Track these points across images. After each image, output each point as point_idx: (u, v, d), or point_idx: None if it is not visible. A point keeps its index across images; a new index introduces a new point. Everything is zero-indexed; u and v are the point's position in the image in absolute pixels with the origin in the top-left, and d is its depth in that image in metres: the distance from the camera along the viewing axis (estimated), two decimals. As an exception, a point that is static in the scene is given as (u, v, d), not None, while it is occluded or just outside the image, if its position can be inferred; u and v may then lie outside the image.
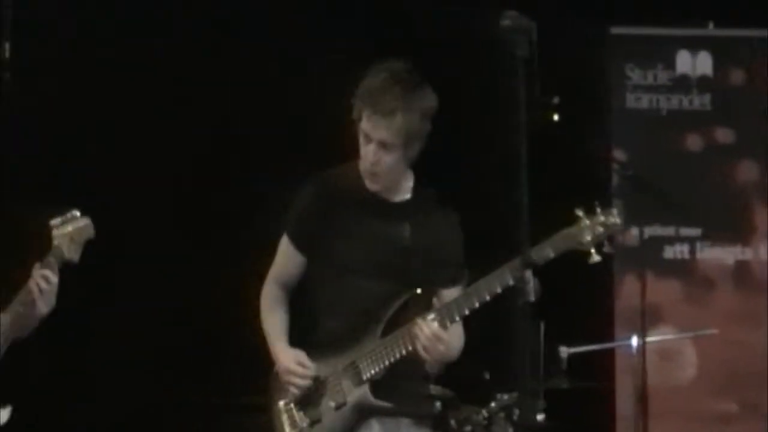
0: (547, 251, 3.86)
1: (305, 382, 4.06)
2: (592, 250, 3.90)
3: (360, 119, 4.02)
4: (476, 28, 3.90)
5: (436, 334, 3.94)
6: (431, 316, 3.96)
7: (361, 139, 4.04)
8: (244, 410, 5.33)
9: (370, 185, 4.07)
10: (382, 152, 4.01)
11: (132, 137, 6.07)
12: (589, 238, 3.90)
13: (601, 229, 3.90)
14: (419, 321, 3.95)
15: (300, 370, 4.06)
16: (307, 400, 4.09)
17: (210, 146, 6.23)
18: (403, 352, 3.99)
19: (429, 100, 4.03)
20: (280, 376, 4.11)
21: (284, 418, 4.11)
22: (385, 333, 4.04)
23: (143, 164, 6.06)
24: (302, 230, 4.16)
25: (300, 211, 4.16)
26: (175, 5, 6.08)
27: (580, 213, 3.92)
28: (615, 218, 3.93)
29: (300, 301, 4.27)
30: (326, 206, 4.12)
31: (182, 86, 6.13)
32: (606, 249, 3.92)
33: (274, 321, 4.19)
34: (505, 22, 3.39)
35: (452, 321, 3.98)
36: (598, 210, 3.92)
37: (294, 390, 4.08)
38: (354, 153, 4.12)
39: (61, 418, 5.70)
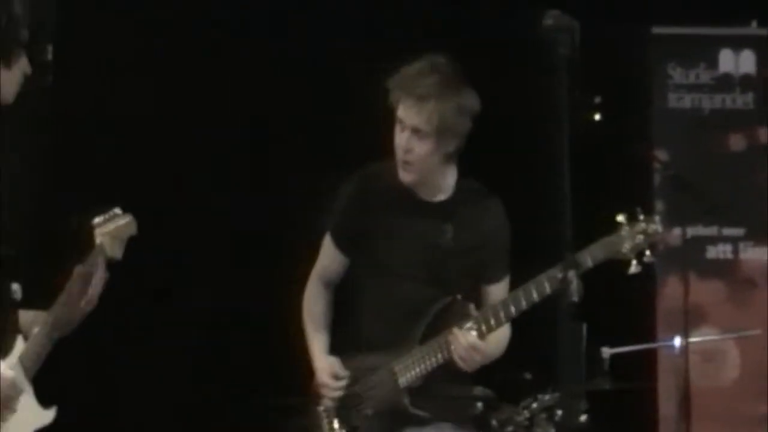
0: (586, 260, 3.83)
1: (339, 393, 4.07)
2: (633, 261, 3.86)
3: (396, 107, 4.00)
4: (519, 27, 3.88)
5: (473, 345, 3.92)
6: (468, 325, 3.96)
7: (397, 128, 4.02)
8: (285, 411, 5.34)
9: (403, 175, 4.02)
10: (414, 140, 3.97)
11: (174, 137, 6.09)
12: (628, 246, 3.86)
13: (641, 238, 3.86)
14: (456, 331, 3.94)
15: (333, 382, 4.08)
16: (345, 407, 4.10)
17: (254, 144, 6.26)
18: (440, 359, 3.98)
19: (468, 97, 4.00)
20: (316, 384, 4.13)
21: (323, 424, 4.13)
22: (424, 338, 4.03)
23: (186, 162, 6.09)
24: (344, 231, 4.15)
25: (342, 212, 4.16)
26: (213, 4, 6.11)
27: (621, 219, 3.89)
28: (656, 225, 3.88)
29: (343, 300, 4.28)
30: (368, 207, 4.10)
31: (225, 85, 6.15)
32: (647, 259, 3.88)
33: (314, 324, 4.20)
34: (548, 22, 3.38)
35: (489, 330, 3.96)
36: (640, 217, 3.88)
37: (329, 401, 4.10)
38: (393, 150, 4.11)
39: (105, 419, 5.73)
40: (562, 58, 3.36)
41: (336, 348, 4.18)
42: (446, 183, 4.10)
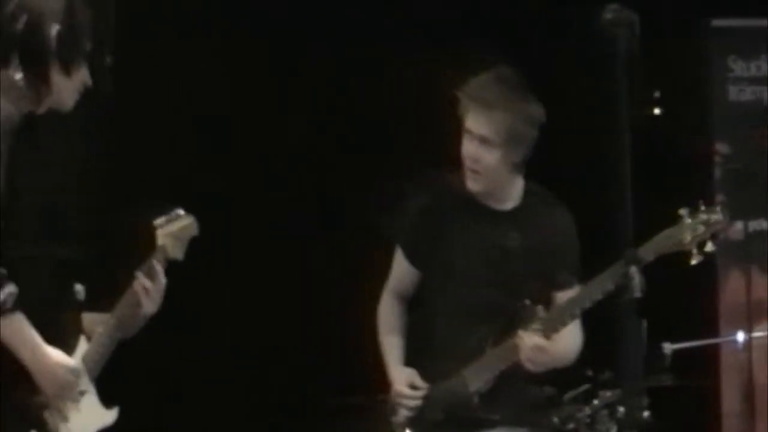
0: (648, 254, 3.82)
1: (416, 403, 4.11)
2: (694, 250, 3.85)
3: (464, 117, 4.05)
4: (579, 21, 3.87)
5: (539, 346, 3.93)
6: (534, 326, 3.98)
7: (465, 138, 4.07)
8: (346, 412, 5.36)
9: (471, 185, 4.06)
10: (482, 149, 4.02)
11: (235, 138, 6.12)
12: (689, 237, 3.86)
13: (702, 228, 3.85)
14: (521, 333, 3.95)
15: (411, 392, 4.11)
16: (420, 416, 4.12)
17: (318, 147, 6.28)
18: (509, 363, 4.02)
19: (534, 107, 4.06)
20: (393, 396, 4.17)
21: None
22: (494, 344, 4.05)
23: (246, 163, 6.11)
24: (414, 244, 4.23)
25: (411, 225, 4.24)
26: (275, 5, 6.12)
27: (683, 212, 3.87)
28: (717, 215, 3.87)
29: (416, 311, 4.31)
30: (436, 219, 4.18)
31: (286, 89, 6.17)
32: (708, 248, 3.86)
33: (389, 338, 4.26)
34: (608, 16, 3.37)
35: (554, 331, 3.98)
36: (702, 208, 3.87)
37: (405, 411, 4.13)
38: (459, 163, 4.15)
39: (166, 419, 5.75)
40: (621, 52, 3.34)
41: (409, 357, 4.22)
42: (514, 191, 4.15)
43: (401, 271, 4.25)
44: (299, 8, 6.12)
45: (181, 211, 3.85)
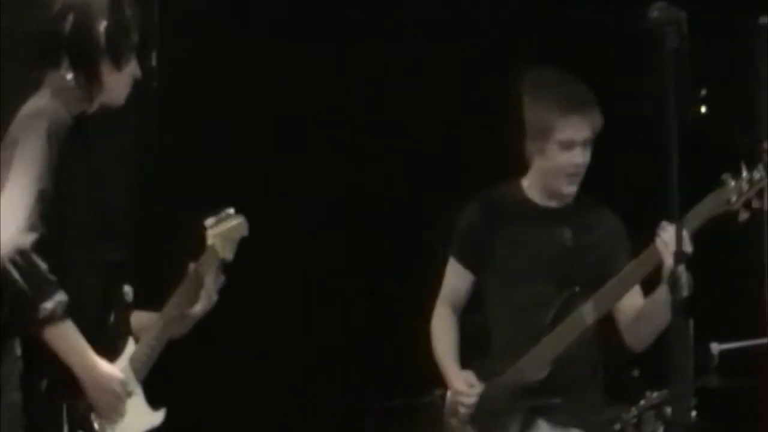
0: (694, 220, 3.84)
1: (472, 400, 4.17)
2: (741, 210, 3.86)
3: (550, 132, 4.05)
4: (626, 20, 3.86)
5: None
6: (588, 305, 3.98)
7: (556, 150, 4.08)
8: (393, 414, 5.37)
9: (569, 190, 4.11)
10: (586, 152, 4.11)
11: (289, 138, 6.14)
12: (735, 197, 3.87)
13: (747, 186, 3.88)
14: (663, 224, 3.89)
15: (468, 389, 4.17)
16: (478, 415, 4.18)
17: (372, 152, 6.30)
18: (564, 346, 4.06)
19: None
20: (451, 397, 4.25)
21: None
22: (547, 333, 4.07)
23: (302, 165, 6.13)
24: (468, 247, 4.31)
25: (465, 229, 4.31)
26: (330, 7, 6.14)
27: (725, 176, 3.90)
28: (760, 172, 3.88)
29: (472, 316, 4.33)
30: (489, 221, 4.25)
31: (337, 88, 6.19)
32: (755, 204, 3.87)
33: (444, 345, 4.34)
34: (654, 14, 3.36)
35: (607, 306, 4.01)
36: (744, 170, 3.88)
37: (463, 409, 4.18)
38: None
39: (213, 420, 5.77)
40: (668, 51, 3.33)
41: (467, 358, 4.29)
42: None
43: (454, 278, 4.35)
44: (349, 11, 6.14)
45: (231, 211, 3.86)
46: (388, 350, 6.03)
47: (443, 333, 4.32)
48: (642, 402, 4.94)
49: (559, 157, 4.10)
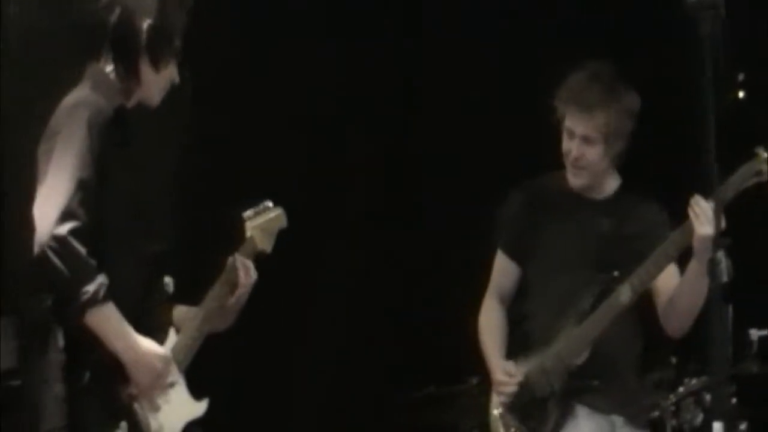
0: (727, 191, 3.83)
1: (512, 389, 4.21)
2: None
3: (563, 118, 4.15)
4: (662, 5, 3.85)
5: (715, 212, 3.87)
6: (624, 287, 4.03)
7: (565, 137, 4.19)
8: (432, 403, 5.38)
9: (574, 181, 4.18)
10: (584, 147, 4.16)
11: (329, 132, 6.16)
12: (766, 167, 3.86)
13: None
14: (695, 197, 3.89)
15: (506, 379, 4.22)
16: (519, 403, 4.22)
17: (417, 145, 6.31)
18: (602, 329, 4.08)
19: (630, 99, 4.18)
20: (493, 386, 4.30)
21: (498, 424, 4.30)
22: (585, 318, 4.09)
23: (344, 158, 6.16)
24: (513, 238, 4.36)
25: (509, 221, 4.37)
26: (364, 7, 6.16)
27: (758, 149, 3.90)
28: None
29: (518, 303, 4.34)
30: (532, 211, 4.30)
31: (387, 82, 6.21)
32: None
33: (489, 337, 4.38)
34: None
35: (642, 286, 4.04)
36: None
37: (504, 398, 4.23)
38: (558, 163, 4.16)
39: (254, 411, 5.79)
40: (705, 37, 3.31)
41: (515, 352, 4.32)
42: (611, 183, 4.28)
43: (501, 270, 4.39)
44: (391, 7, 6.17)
45: (270, 204, 3.87)
46: (425, 338, 6.04)
47: (489, 325, 4.36)
48: (681, 389, 4.93)
49: (564, 144, 4.19)
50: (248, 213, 3.87)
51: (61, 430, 3.46)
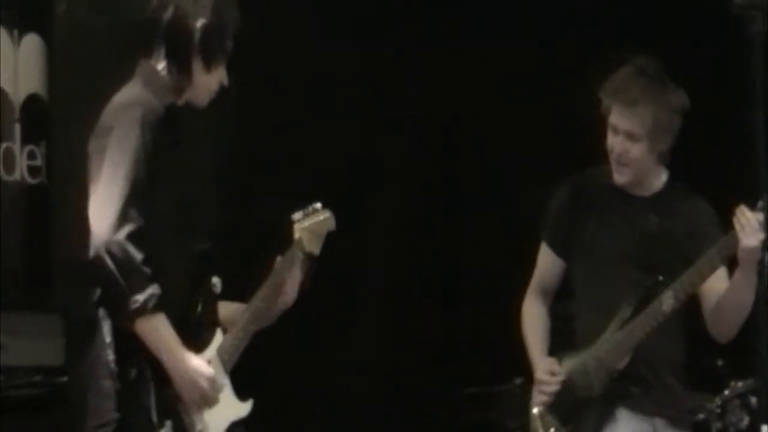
0: None
1: (554, 388, 4.16)
2: None
3: (608, 114, 4.11)
4: (710, 6, 3.83)
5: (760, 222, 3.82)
6: (668, 294, 3.99)
7: (609, 133, 4.13)
8: (475, 401, 5.37)
9: (618, 178, 4.14)
10: (628, 143, 4.09)
11: (376, 132, 6.17)
12: None
13: None
14: (741, 207, 3.87)
15: (548, 378, 4.17)
16: (559, 403, 4.18)
17: (457, 149, 6.30)
18: (644, 335, 4.03)
19: (676, 96, 4.10)
20: (535, 384, 4.24)
21: (538, 423, 4.24)
22: (629, 322, 4.06)
23: (391, 156, 6.16)
24: (558, 233, 4.29)
25: (554, 215, 4.30)
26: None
27: None
28: None
29: (565, 304, 4.33)
30: (577, 206, 4.25)
31: (420, 83, 6.20)
32: None
33: (531, 332, 4.31)
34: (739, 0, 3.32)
35: (686, 294, 3.97)
36: None
37: (545, 397, 4.19)
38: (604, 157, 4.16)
39: (298, 410, 5.80)
40: (755, 36, 3.28)
41: (555, 346, 4.29)
42: (657, 180, 4.20)
43: (545, 264, 4.33)
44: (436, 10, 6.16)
45: (318, 206, 3.88)
46: (471, 337, 6.03)
47: (531, 320, 4.32)
48: (726, 391, 4.90)
49: (608, 141, 4.14)
50: (297, 215, 3.88)
51: (107, 426, 3.47)
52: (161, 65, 3.62)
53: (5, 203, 4.94)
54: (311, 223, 3.86)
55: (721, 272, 4.04)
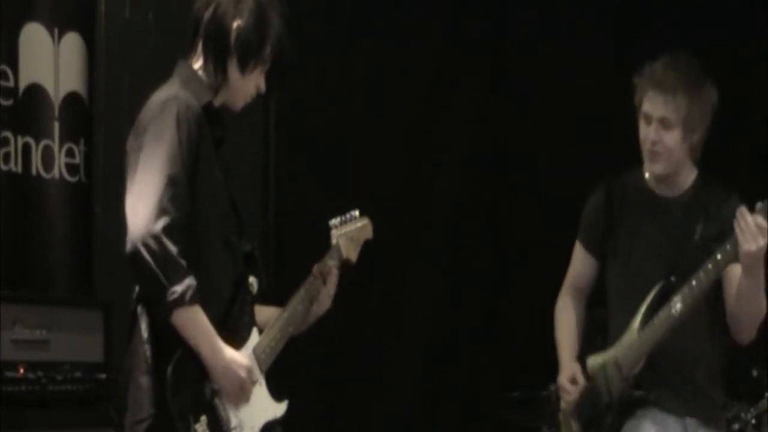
0: None
1: (573, 397, 4.17)
2: None
3: (641, 102, 4.08)
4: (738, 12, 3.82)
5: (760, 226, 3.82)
6: (675, 298, 3.96)
7: (642, 123, 4.10)
8: (510, 406, 5.38)
9: (651, 168, 4.12)
10: (662, 131, 4.05)
11: (414, 138, 6.19)
12: None
13: None
14: (741, 210, 3.85)
15: (569, 386, 4.18)
16: (582, 407, 4.19)
17: (500, 149, 6.32)
18: (657, 340, 4.00)
19: (711, 90, 4.08)
20: (559, 390, 4.26)
21: (563, 424, 4.27)
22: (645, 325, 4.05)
23: (417, 160, 6.17)
24: (592, 235, 4.28)
25: (589, 217, 4.29)
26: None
27: None
28: None
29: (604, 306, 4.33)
30: (611, 208, 4.23)
31: (474, 80, 6.22)
32: None
33: (564, 334, 4.32)
34: None
35: (693, 297, 3.93)
36: None
37: (564, 405, 4.23)
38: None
39: (335, 412, 5.82)
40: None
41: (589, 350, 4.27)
42: (687, 178, 4.16)
43: (579, 262, 4.32)
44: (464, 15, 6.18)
45: (357, 213, 3.90)
46: (513, 343, 6.04)
47: (564, 317, 4.31)
48: (762, 402, 4.89)
49: (641, 132, 4.11)
50: (335, 221, 3.90)
51: (145, 421, 3.50)
52: (198, 64, 3.65)
53: (44, 201, 4.99)
54: (349, 230, 3.88)
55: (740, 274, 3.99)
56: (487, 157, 6.39)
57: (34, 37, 4.96)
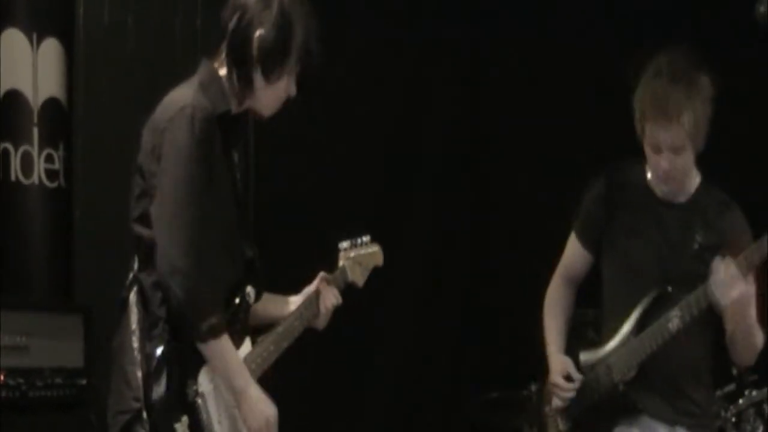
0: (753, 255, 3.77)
1: (570, 394, 4.12)
2: None
3: (643, 127, 3.97)
4: (735, 16, 3.82)
5: (734, 276, 3.81)
6: (673, 312, 3.93)
7: (648, 151, 3.99)
8: (497, 405, 5.38)
9: (663, 189, 4.03)
10: (674, 158, 3.95)
11: (394, 140, 6.20)
12: None
13: None
14: (716, 261, 3.84)
15: (563, 384, 4.12)
16: (571, 407, 4.15)
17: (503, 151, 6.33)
18: (650, 351, 3.97)
19: (706, 87, 3.95)
20: (549, 386, 4.19)
21: (549, 423, 4.21)
22: (640, 330, 4.02)
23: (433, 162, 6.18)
24: (588, 228, 4.19)
25: (587, 210, 4.19)
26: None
27: None
28: None
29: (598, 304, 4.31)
30: (612, 205, 4.12)
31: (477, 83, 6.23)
32: None
33: (552, 323, 4.24)
34: (761, 9, 3.32)
35: (692, 317, 3.91)
36: None
37: (557, 401, 4.16)
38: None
39: (327, 418, 5.82)
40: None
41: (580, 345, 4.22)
42: (692, 183, 4.09)
43: (573, 252, 4.23)
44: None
45: (368, 239, 3.91)
46: (491, 343, 6.04)
47: (552, 309, 4.24)
48: (741, 400, 4.91)
49: (650, 158, 4.02)
50: (344, 244, 3.91)
51: (127, 413, 3.47)
52: (223, 70, 3.60)
53: (24, 207, 4.98)
54: (357, 255, 3.90)
55: None
56: (468, 153, 6.39)
57: (12, 42, 4.94)
